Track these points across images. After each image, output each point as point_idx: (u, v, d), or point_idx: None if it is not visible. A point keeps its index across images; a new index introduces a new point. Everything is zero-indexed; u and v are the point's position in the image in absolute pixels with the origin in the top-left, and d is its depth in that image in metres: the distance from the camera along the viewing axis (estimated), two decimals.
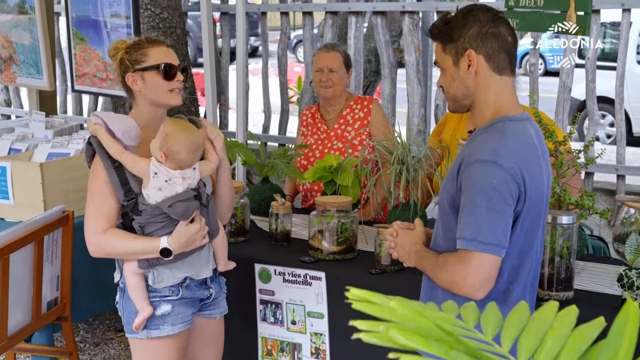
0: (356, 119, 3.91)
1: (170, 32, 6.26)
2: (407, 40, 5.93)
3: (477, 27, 2.13)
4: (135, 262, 2.62)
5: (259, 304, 3.14)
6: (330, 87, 3.88)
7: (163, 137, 2.51)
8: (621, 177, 5.35)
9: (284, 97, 6.69)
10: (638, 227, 2.76)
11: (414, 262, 2.27)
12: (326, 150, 3.90)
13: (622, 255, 2.74)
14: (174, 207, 2.53)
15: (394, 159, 3.14)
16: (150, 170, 2.51)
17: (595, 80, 5.30)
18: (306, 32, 6.45)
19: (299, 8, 6.65)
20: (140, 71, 2.65)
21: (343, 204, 3.10)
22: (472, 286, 1.99)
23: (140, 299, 2.66)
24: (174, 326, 2.70)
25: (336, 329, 2.98)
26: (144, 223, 2.58)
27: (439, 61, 2.22)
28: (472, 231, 2.00)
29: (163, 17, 6.12)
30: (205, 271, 2.74)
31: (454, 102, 2.23)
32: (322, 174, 3.41)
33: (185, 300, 2.72)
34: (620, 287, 2.52)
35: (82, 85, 5.26)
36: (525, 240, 2.10)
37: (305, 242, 3.30)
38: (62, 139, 4.55)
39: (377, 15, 6.03)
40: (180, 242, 2.56)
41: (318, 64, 3.90)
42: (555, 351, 1.06)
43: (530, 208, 2.07)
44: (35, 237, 3.41)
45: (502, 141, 2.05)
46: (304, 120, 4.08)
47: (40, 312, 3.56)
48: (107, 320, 5.05)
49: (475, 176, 2.02)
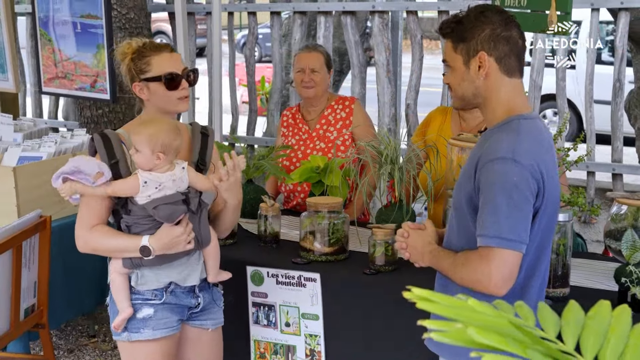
0: (338, 119, 3.90)
1: (137, 33, 6.16)
2: (377, 40, 5.94)
3: (489, 29, 2.14)
4: (120, 261, 2.60)
5: (251, 307, 3.10)
6: (312, 88, 3.86)
7: (148, 140, 2.48)
8: (591, 174, 5.44)
9: (252, 97, 6.65)
10: (629, 224, 2.80)
11: (428, 261, 2.27)
12: (308, 151, 3.88)
13: (615, 251, 2.77)
14: (159, 210, 2.50)
15: (384, 159, 3.14)
16: (140, 181, 2.49)
17: (565, 79, 5.39)
18: (274, 33, 6.42)
19: (267, 8, 6.62)
20: (144, 81, 2.63)
21: (334, 204, 3.09)
22: (496, 283, 2.01)
23: (121, 299, 2.63)
24: (155, 331, 2.65)
25: (331, 330, 2.96)
26: (131, 223, 2.56)
27: (448, 60, 2.22)
28: (494, 228, 2.01)
29: (129, 17, 6.03)
30: (193, 279, 2.68)
31: (462, 101, 2.23)
32: (310, 174, 3.39)
33: (170, 306, 2.67)
34: (618, 283, 2.56)
35: (50, 87, 5.14)
36: (542, 237, 2.12)
37: (295, 243, 3.28)
38: (33, 142, 4.45)
39: (347, 15, 6.03)
40: (162, 242, 2.52)
41: (300, 64, 3.88)
42: (619, 349, 1.06)
43: (548, 204, 2.10)
44: (14, 243, 3.33)
45: (519, 139, 2.06)
46: (285, 121, 4.05)
47: (18, 319, 3.48)
48: (80, 326, 4.95)
49: (494, 174, 2.03)
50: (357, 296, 2.88)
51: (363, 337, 2.89)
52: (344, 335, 2.94)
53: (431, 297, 1.17)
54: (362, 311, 2.87)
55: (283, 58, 6.52)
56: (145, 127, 2.53)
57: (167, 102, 2.66)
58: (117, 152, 2.58)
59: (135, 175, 2.51)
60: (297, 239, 3.34)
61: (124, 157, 2.59)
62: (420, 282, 2.78)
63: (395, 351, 2.82)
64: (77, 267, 4.19)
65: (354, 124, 3.88)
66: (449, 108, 3.70)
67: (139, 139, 2.50)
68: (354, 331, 2.91)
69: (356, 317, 2.89)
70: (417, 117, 5.96)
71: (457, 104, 2.28)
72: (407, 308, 2.77)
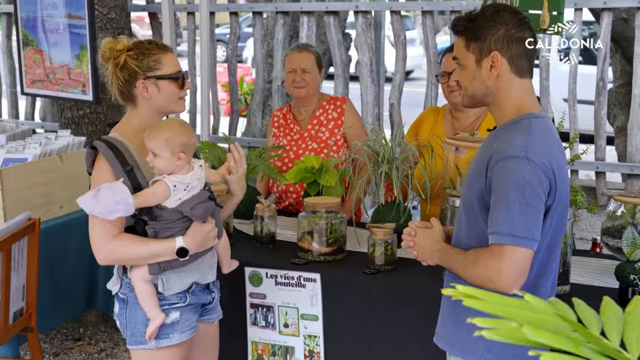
0: (330, 119, 3.90)
1: (118, 33, 6.09)
2: (361, 40, 5.94)
3: (504, 29, 2.15)
4: (144, 268, 2.53)
5: (249, 308, 3.08)
6: (304, 88, 3.85)
7: (166, 143, 2.45)
8: (575, 172, 5.49)
9: (234, 97, 6.61)
10: (625, 221, 2.83)
11: (437, 260, 2.28)
12: (300, 151, 3.87)
13: (613, 249, 2.80)
14: (196, 210, 2.48)
15: (381, 159, 3.14)
16: (170, 186, 2.45)
17: (549, 79, 5.42)
18: (256, 33, 6.39)
19: (248, 8, 6.59)
20: (154, 79, 2.58)
21: (332, 204, 3.08)
22: (508, 280, 2.01)
23: (152, 306, 2.57)
24: (182, 334, 2.63)
25: (331, 331, 2.95)
26: (159, 228, 2.50)
27: (459, 57, 2.22)
28: (506, 226, 2.01)
29: (111, 17, 5.95)
30: (210, 275, 2.68)
31: (472, 99, 2.24)
32: (305, 174, 3.38)
33: (192, 306, 2.66)
34: (619, 279, 2.58)
35: (32, 89, 5.07)
36: (553, 235, 2.13)
37: (291, 243, 3.27)
38: (17, 144, 4.39)
39: (330, 15, 6.03)
40: (196, 240, 2.51)
41: (291, 64, 3.87)
42: None
43: (559, 202, 2.11)
44: (4, 246, 3.28)
45: (531, 137, 2.07)
46: (275, 122, 4.04)
47: (7, 323, 3.43)
48: (65, 329, 4.90)
49: (507, 172, 2.03)
50: (358, 296, 2.88)
51: (363, 337, 2.88)
52: (344, 336, 2.93)
53: (476, 294, 1.16)
54: (362, 311, 2.87)
55: (264, 58, 6.50)
56: (159, 131, 2.48)
57: (171, 101, 2.63)
58: (128, 158, 2.53)
59: (161, 181, 2.45)
60: (292, 239, 3.34)
61: (136, 163, 2.55)
62: (420, 281, 2.82)
63: (395, 351, 2.82)
64: (65, 270, 4.14)
65: (345, 123, 3.88)
66: (441, 108, 3.71)
67: (155, 143, 2.45)
68: (353, 331, 2.91)
69: (356, 317, 2.89)
70: (401, 116, 5.97)
71: (466, 102, 2.28)
72: (407, 307, 2.80)
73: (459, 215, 2.28)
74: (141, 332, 2.60)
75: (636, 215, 2.80)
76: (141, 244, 2.50)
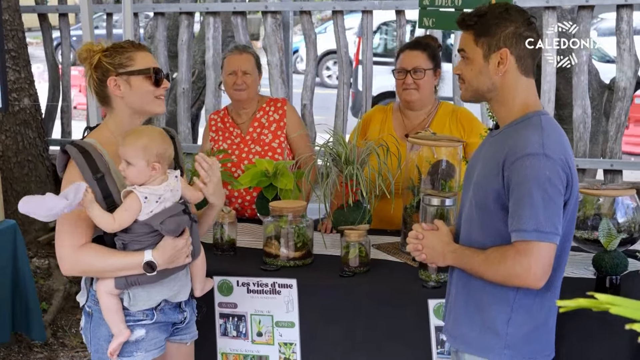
0: (272, 121, 3.83)
1: (12, 36, 5.77)
2: (271, 41, 5.89)
3: (513, 27, 2.18)
4: (110, 281, 2.41)
5: (219, 318, 2.98)
6: (245, 90, 3.77)
7: (143, 151, 2.33)
8: None
9: None
10: (585, 212, 2.93)
11: (450, 261, 2.28)
12: (243, 155, 3.78)
13: (579, 240, 2.89)
14: (166, 224, 2.35)
15: (343, 160, 3.11)
16: (140, 199, 2.31)
17: None
18: (159, 34, 6.21)
19: (150, 9, 6.39)
20: (125, 75, 2.44)
21: (299, 208, 3.03)
22: (535, 276, 2.05)
23: (117, 321, 2.44)
24: (147, 353, 2.52)
25: (308, 337, 2.89)
26: (129, 240, 2.37)
27: (467, 51, 2.23)
28: (532, 222, 2.04)
29: (4, 19, 5.61)
30: (183, 294, 2.57)
31: (475, 93, 2.25)
32: (260, 178, 3.30)
33: (160, 324, 2.54)
34: (597, 269, 2.68)
35: None
36: (567, 229, 2.18)
37: (252, 250, 3.20)
38: None
39: (237, 16, 5.94)
40: (166, 256, 2.38)
41: (231, 66, 3.77)
42: None
43: (574, 197, 2.16)
44: None
45: (545, 134, 2.11)
46: (213, 125, 3.92)
47: None
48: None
49: (527, 170, 2.06)
50: (336, 299, 2.84)
51: (342, 339, 2.84)
52: (322, 341, 2.88)
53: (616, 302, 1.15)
54: (341, 314, 2.83)
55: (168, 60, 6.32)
56: (136, 138, 2.35)
57: (145, 100, 2.48)
58: (100, 165, 2.39)
59: (132, 195, 2.32)
60: (250, 245, 3.26)
61: (108, 169, 2.40)
62: (397, 281, 2.81)
63: (377, 352, 2.81)
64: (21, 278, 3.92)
65: (288, 126, 3.82)
66: (388, 107, 3.72)
67: (129, 151, 2.32)
68: (332, 336, 2.85)
69: (335, 321, 2.84)
70: (312, 116, 5.97)
71: (468, 97, 2.29)
72: (389, 309, 2.78)
73: (468, 216, 2.28)
74: (104, 348, 2.49)
75: (595, 206, 2.90)
76: (108, 256, 2.38)
